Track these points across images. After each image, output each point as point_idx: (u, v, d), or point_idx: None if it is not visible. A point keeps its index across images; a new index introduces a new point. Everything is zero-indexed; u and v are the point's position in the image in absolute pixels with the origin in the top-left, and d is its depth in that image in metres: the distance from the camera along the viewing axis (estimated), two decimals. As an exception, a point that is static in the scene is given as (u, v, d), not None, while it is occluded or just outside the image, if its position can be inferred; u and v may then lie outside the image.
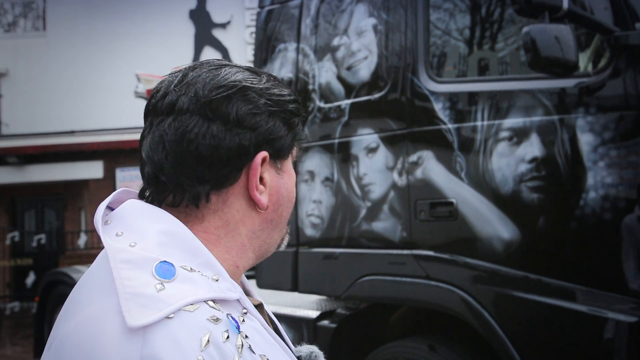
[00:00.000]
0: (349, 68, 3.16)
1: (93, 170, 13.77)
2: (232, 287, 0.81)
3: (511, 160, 2.51)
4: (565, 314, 2.37)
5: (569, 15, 2.22)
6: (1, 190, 14.07)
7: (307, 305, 3.53)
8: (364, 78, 3.08)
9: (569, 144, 2.38)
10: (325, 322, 3.25)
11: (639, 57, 2.26)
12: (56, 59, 14.71)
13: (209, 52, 15.02)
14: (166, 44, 14.40)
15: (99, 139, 13.63)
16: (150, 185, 0.87)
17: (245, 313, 0.80)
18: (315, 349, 1.03)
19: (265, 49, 3.60)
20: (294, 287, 3.36)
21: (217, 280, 0.79)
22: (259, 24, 3.71)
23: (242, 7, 15.17)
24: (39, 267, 11.82)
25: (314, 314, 3.32)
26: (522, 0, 2.20)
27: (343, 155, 3.14)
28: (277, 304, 3.60)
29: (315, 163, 3.28)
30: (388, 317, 3.29)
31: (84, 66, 14.57)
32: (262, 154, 0.86)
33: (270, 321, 0.94)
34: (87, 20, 14.76)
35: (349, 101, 3.13)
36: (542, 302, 2.43)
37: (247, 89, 0.86)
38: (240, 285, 0.88)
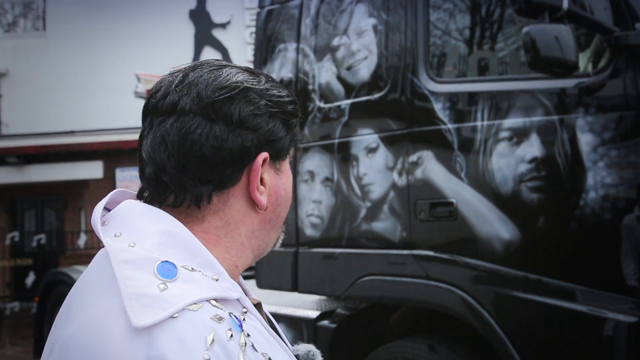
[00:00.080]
0: (348, 68, 3.16)
1: (93, 170, 13.77)
2: (232, 286, 0.81)
3: (511, 160, 2.51)
4: (565, 314, 2.37)
5: (569, 16, 2.22)
6: (1, 190, 14.07)
7: (307, 305, 3.53)
8: (364, 78, 3.08)
9: (569, 144, 2.38)
10: (325, 322, 3.25)
11: (639, 57, 2.26)
12: (56, 59, 14.71)
13: (209, 52, 15.02)
14: (166, 44, 14.40)
15: (99, 139, 13.63)
16: (150, 185, 0.86)
17: (245, 312, 0.80)
18: (312, 347, 1.04)
19: (265, 49, 3.60)
20: (294, 287, 3.36)
21: (217, 280, 0.79)
22: (259, 24, 3.71)
23: (242, 7, 15.17)
24: (39, 267, 11.83)
25: (314, 314, 3.32)
26: (522, 0, 2.20)
27: (343, 155, 3.14)
28: (277, 304, 3.59)
29: (315, 163, 3.28)
30: (388, 317, 3.29)
31: (84, 66, 14.57)
32: (263, 155, 0.87)
33: (268, 320, 0.94)
34: (87, 20, 14.76)
35: (348, 101, 3.13)
36: (542, 302, 2.43)
37: (248, 90, 0.86)
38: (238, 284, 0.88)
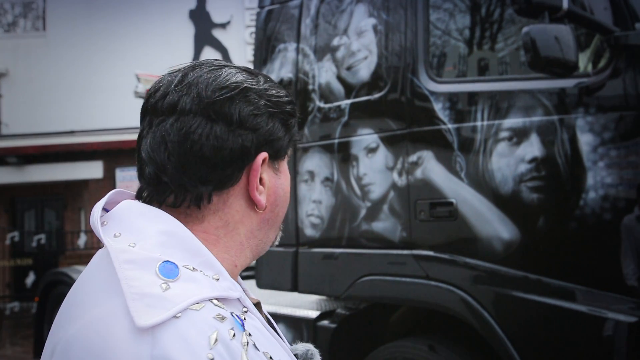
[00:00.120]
0: (348, 68, 3.16)
1: (93, 170, 13.77)
2: (232, 286, 0.81)
3: (511, 160, 2.51)
4: (565, 314, 2.37)
5: (569, 16, 2.22)
6: (1, 190, 14.07)
7: (307, 305, 3.53)
8: (364, 78, 3.08)
9: (569, 144, 2.38)
10: (325, 322, 3.25)
11: (639, 57, 2.26)
12: (56, 59, 14.71)
13: (209, 52, 15.02)
14: (166, 44, 14.40)
15: (99, 139, 13.63)
16: (150, 185, 0.86)
17: (245, 312, 0.80)
18: (311, 347, 1.04)
19: (265, 49, 3.60)
20: (294, 287, 3.36)
21: (217, 280, 0.79)
22: (258, 24, 3.70)
23: (242, 7, 15.17)
24: (38, 267, 11.83)
25: (313, 314, 3.32)
26: (522, 0, 2.20)
27: (343, 155, 3.14)
28: (277, 304, 3.59)
29: (315, 163, 3.28)
30: (388, 317, 3.29)
31: (84, 66, 14.57)
32: (263, 155, 0.87)
33: (266, 320, 0.94)
34: (87, 20, 14.76)
35: (348, 101, 3.13)
36: (541, 302, 2.43)
37: (248, 90, 0.86)
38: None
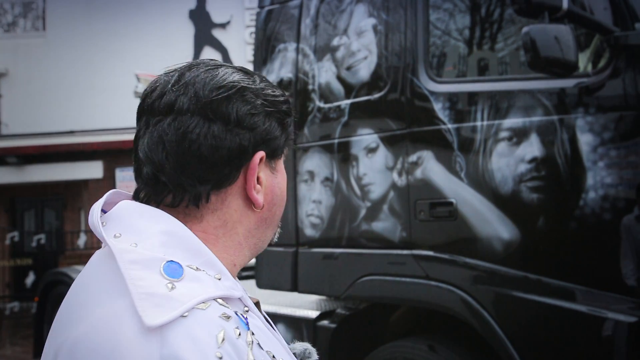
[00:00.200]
0: (348, 68, 3.16)
1: (93, 170, 13.77)
2: (234, 285, 0.81)
3: (511, 160, 2.51)
4: (564, 314, 2.37)
5: (569, 16, 2.22)
6: (1, 190, 14.07)
7: (307, 305, 3.53)
8: (364, 78, 3.08)
9: (569, 144, 2.38)
10: (325, 322, 3.25)
11: (639, 57, 2.26)
12: (56, 59, 14.70)
13: (209, 52, 15.01)
14: (166, 44, 14.39)
15: (99, 139, 13.62)
16: (148, 185, 0.86)
17: (247, 311, 0.81)
18: (308, 346, 1.04)
19: (265, 49, 3.60)
20: (294, 287, 3.36)
21: (219, 279, 0.79)
22: (258, 24, 3.70)
23: (242, 7, 15.17)
24: (38, 267, 11.82)
25: (313, 314, 3.32)
26: (522, 0, 2.20)
27: (343, 155, 3.14)
28: (277, 304, 3.59)
29: (315, 163, 3.28)
30: (388, 317, 3.29)
31: (83, 66, 14.56)
32: (260, 154, 0.87)
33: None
34: (86, 21, 14.75)
35: (348, 101, 3.13)
36: (541, 302, 2.43)
37: (245, 90, 0.86)
38: None
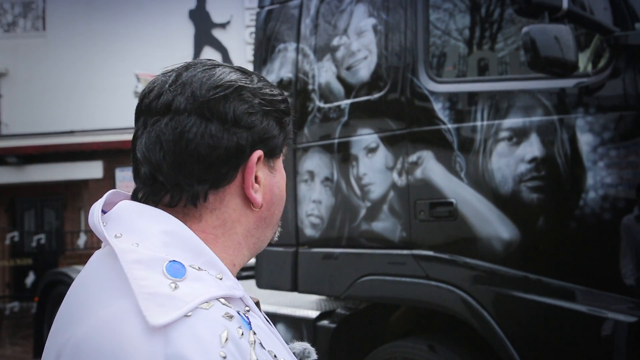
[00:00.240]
0: (348, 68, 3.16)
1: (93, 170, 13.77)
2: (235, 285, 0.82)
3: (511, 160, 2.51)
4: (564, 314, 2.37)
5: (569, 15, 2.22)
6: (1, 190, 14.06)
7: (307, 305, 3.53)
8: (364, 78, 3.08)
9: (569, 144, 2.38)
10: (325, 322, 3.25)
11: (639, 57, 2.26)
12: (56, 59, 14.69)
13: (209, 52, 15.01)
14: (166, 44, 14.38)
15: (99, 139, 13.62)
16: (146, 185, 0.86)
17: (248, 310, 0.81)
18: (307, 345, 1.04)
19: (265, 49, 3.60)
20: (294, 287, 3.36)
21: (221, 279, 0.80)
22: (258, 24, 3.70)
23: (242, 7, 15.17)
24: (38, 267, 11.81)
25: (313, 314, 3.32)
26: (522, 0, 2.20)
27: (343, 155, 3.14)
28: (277, 304, 3.59)
29: (315, 163, 3.28)
30: (388, 317, 3.29)
31: (83, 66, 14.55)
32: (258, 153, 0.87)
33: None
34: (86, 21, 14.75)
35: (348, 101, 3.13)
36: (541, 302, 2.43)
37: (242, 89, 0.86)
38: None
